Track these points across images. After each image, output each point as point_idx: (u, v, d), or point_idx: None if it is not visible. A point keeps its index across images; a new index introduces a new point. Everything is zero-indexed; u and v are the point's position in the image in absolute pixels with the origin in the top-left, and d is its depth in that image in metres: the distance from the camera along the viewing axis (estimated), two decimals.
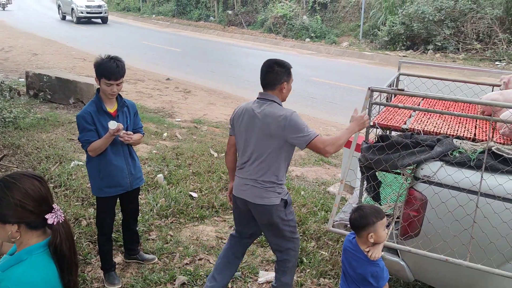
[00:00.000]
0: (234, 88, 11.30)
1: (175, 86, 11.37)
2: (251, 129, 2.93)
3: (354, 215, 2.45)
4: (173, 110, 9.10)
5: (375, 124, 3.22)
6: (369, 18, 18.57)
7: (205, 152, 6.32)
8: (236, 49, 17.78)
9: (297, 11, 20.90)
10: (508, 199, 2.57)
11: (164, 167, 5.74)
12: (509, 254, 2.58)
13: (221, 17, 24.85)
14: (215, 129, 7.81)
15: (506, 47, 14.21)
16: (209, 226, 4.49)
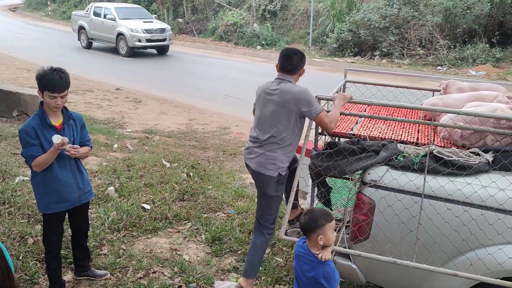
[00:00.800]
0: (186, 97, 11.23)
1: (125, 96, 11.16)
2: (267, 105, 3.31)
3: (304, 219, 2.50)
4: (124, 121, 8.93)
5: (323, 132, 3.30)
6: (318, 26, 18.96)
7: (157, 163, 6.23)
8: (188, 57, 17.68)
9: (247, 19, 21.06)
10: (450, 200, 2.70)
11: (115, 180, 5.61)
12: (452, 252, 2.70)
13: (171, 25, 24.61)
14: (167, 139, 7.73)
15: (447, 53, 14.89)
16: (162, 238, 4.42)
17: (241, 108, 10.11)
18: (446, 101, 3.48)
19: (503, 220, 2.58)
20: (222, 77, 13.52)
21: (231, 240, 4.36)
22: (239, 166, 6.48)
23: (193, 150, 7.03)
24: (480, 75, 13.29)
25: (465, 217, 2.66)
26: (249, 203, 5.13)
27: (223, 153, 6.99)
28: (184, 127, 8.68)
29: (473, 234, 2.63)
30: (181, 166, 6.13)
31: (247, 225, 4.63)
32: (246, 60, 17.19)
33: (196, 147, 7.28)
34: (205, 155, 6.84)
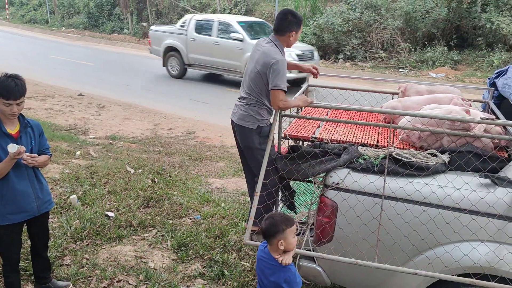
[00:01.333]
0: (151, 102, 11.10)
1: (88, 101, 10.93)
2: (251, 62, 3.50)
3: (265, 224, 2.51)
4: (87, 127, 8.74)
5: (286, 136, 3.33)
6: None
7: (121, 169, 6.13)
8: (152, 61, 17.45)
9: None
10: (409, 200, 2.77)
11: (78, 187, 5.48)
12: (411, 252, 2.77)
13: (135, 30, 24.35)
14: (132, 145, 7.61)
15: (408, 56, 15.31)
16: (127, 246, 4.35)
17: (206, 113, 10.08)
18: (405, 104, 3.57)
19: (459, 218, 2.67)
20: (188, 81, 13.43)
21: (197, 246, 4.34)
22: (205, 171, 6.45)
23: (158, 156, 6.95)
24: (440, 77, 13.71)
25: (423, 217, 2.73)
26: (215, 208, 5.11)
27: (188, 158, 6.94)
28: (149, 133, 8.58)
29: (431, 233, 2.70)
30: (145, 172, 6.05)
31: (213, 230, 4.61)
32: None
33: (161, 153, 7.21)
34: (170, 160, 6.78)
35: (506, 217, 2.62)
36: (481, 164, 2.85)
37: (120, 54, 19.38)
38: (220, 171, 6.51)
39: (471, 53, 14.97)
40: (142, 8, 24.75)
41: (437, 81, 13.40)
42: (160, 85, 12.93)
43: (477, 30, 14.78)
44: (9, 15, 32.40)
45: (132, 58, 18.24)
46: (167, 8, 24.15)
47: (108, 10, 26.38)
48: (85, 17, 26.86)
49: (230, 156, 7.14)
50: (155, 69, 15.70)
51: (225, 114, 9.70)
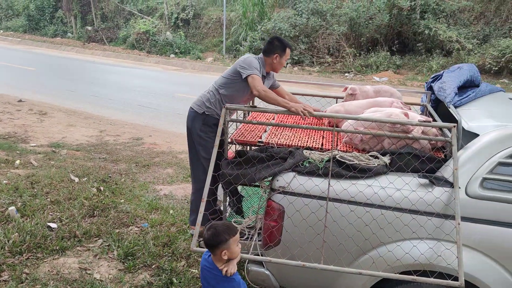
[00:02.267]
0: (97, 108, 10.79)
1: (28, 108, 10.47)
2: None
3: (207, 234, 2.48)
4: (27, 135, 8.37)
5: (233, 141, 3.33)
6: (231, 34, 19.19)
7: (64, 178, 5.90)
8: (98, 66, 17.03)
9: (160, 27, 20.75)
10: (352, 202, 2.84)
11: (17, 198, 5.22)
12: (356, 252, 2.84)
13: (80, 33, 23.62)
14: (76, 152, 7.36)
15: (353, 60, 15.76)
16: (71, 258, 4.19)
17: (154, 118, 9.92)
18: (348, 108, 3.67)
19: (400, 218, 2.77)
20: (134, 86, 13.18)
21: (145, 254, 4.24)
22: (153, 177, 6.34)
23: (104, 163, 6.76)
24: (383, 81, 14.20)
25: (367, 217, 2.81)
26: (164, 215, 5.03)
27: (135, 165, 6.79)
28: (94, 140, 8.33)
29: (374, 233, 2.78)
30: (90, 181, 5.86)
31: (161, 238, 4.53)
32: (159, 69, 16.92)
33: (107, 160, 7.01)
34: (116, 168, 6.61)
35: (443, 215, 2.74)
36: (419, 165, 2.97)
37: (64, 59, 18.72)
38: (168, 177, 6.41)
39: (412, 58, 15.62)
40: (86, 12, 24.05)
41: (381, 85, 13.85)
42: (107, 90, 12.60)
43: (417, 36, 15.45)
44: None
45: (77, 63, 17.67)
46: (113, 11, 23.61)
47: (50, 13, 25.41)
48: (25, 19, 25.74)
49: (178, 162, 7.06)
50: (101, 74, 15.31)
51: (173, 120, 9.63)
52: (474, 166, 2.77)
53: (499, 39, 14.02)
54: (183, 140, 8.21)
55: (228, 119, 3.21)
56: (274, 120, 3.93)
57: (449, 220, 2.73)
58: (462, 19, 15.29)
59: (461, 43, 14.16)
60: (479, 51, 14.03)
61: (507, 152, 2.74)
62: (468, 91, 3.70)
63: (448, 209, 2.74)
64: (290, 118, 4.00)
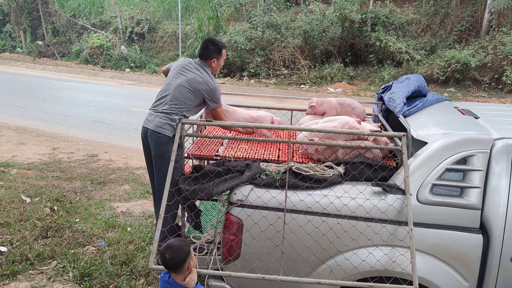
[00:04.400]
0: (49, 125, 10.47)
1: None
2: (178, 78, 3.63)
3: (168, 256, 2.44)
4: None
5: (189, 155, 3.31)
6: (187, 48, 19.14)
7: (15, 199, 5.67)
8: (50, 82, 16.55)
9: (114, 41, 20.44)
10: (309, 212, 2.88)
11: None
12: (314, 262, 2.87)
13: (30, 48, 22.91)
14: (27, 172, 7.09)
15: (308, 72, 16.05)
16: (23, 282, 4.02)
17: (110, 134, 9.71)
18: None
19: (356, 226, 2.83)
20: (88, 101, 12.89)
21: (102, 274, 4.13)
22: (109, 194, 6.19)
23: (57, 182, 6.55)
24: (338, 92, 14.53)
25: (323, 227, 2.86)
26: (121, 233, 4.92)
27: (91, 183, 6.62)
28: (47, 158, 8.06)
29: (331, 242, 2.83)
30: (43, 200, 5.66)
31: (119, 256, 4.42)
32: (114, 84, 16.63)
33: (61, 178, 6.80)
34: (71, 186, 6.41)
35: (396, 221, 2.83)
36: (372, 173, 3.05)
37: (13, 74, 18.07)
38: (126, 194, 6.29)
39: (364, 69, 16.09)
40: (36, 26, 23.36)
41: (336, 95, 14.19)
42: (60, 106, 12.25)
43: (369, 47, 15.94)
44: None
45: (27, 79, 17.10)
46: (65, 26, 23.05)
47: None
48: None
49: (135, 178, 6.93)
50: (53, 89, 14.89)
51: (129, 135, 9.47)
52: (424, 173, 2.88)
53: (445, 50, 14.68)
54: (139, 156, 8.09)
55: (184, 134, 3.19)
56: (230, 134, 3.95)
57: (402, 226, 2.81)
58: (410, 31, 15.93)
59: (410, 54, 14.73)
60: (427, 62, 14.62)
61: (454, 159, 2.86)
62: (416, 101, 3.85)
63: (401, 216, 2.83)
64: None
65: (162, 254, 2.46)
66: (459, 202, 2.81)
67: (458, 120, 3.46)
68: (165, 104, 3.57)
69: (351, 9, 15.48)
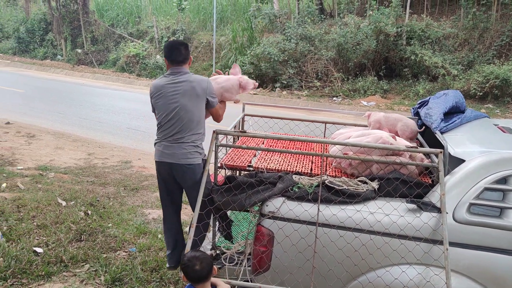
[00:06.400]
0: (85, 130, 10.76)
1: (16, 130, 10.40)
2: (175, 99, 3.35)
3: (199, 267, 2.46)
4: (14, 157, 8.28)
5: (223, 165, 3.34)
6: (221, 58, 19.36)
7: (52, 202, 5.84)
8: (87, 89, 17.03)
9: (150, 50, 20.90)
10: (342, 227, 2.85)
11: (3, 222, 5.14)
12: (346, 278, 2.83)
13: (69, 56, 23.67)
14: (64, 176, 7.29)
15: (341, 85, 15.96)
16: (57, 284, 4.12)
17: (143, 141, 9.90)
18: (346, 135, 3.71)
19: (389, 243, 2.78)
20: (123, 109, 13.18)
21: (132, 280, 4.19)
22: (141, 201, 6.29)
23: (92, 187, 6.70)
24: (371, 105, 14.38)
25: (356, 243, 2.82)
26: (152, 240, 4.98)
27: (124, 189, 6.75)
28: (82, 163, 8.27)
29: (364, 258, 2.79)
30: (78, 204, 5.80)
31: (149, 263, 4.48)
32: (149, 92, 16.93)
33: (95, 183, 6.96)
34: (104, 191, 6.55)
35: (431, 240, 2.77)
36: (407, 190, 3.00)
37: (53, 81, 18.69)
38: (157, 201, 6.36)
39: (399, 82, 15.87)
40: (77, 34, 24.15)
41: (369, 109, 14.04)
42: (96, 113, 12.58)
43: (404, 61, 15.74)
44: None
45: (66, 85, 17.65)
46: (103, 35, 23.74)
47: (40, 35, 25.48)
48: (14, 42, 25.76)
49: None
50: (90, 96, 15.30)
51: None
52: (461, 192, 2.81)
53: (483, 65, 14.33)
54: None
55: (218, 144, 3.22)
56: (263, 145, 3.96)
57: (437, 246, 2.75)
58: (447, 46, 15.64)
59: (447, 68, 14.45)
60: (464, 77, 14.31)
61: (493, 178, 2.78)
62: (454, 117, 3.77)
63: (436, 234, 2.76)
64: (280, 143, 4.03)
65: (191, 267, 2.47)
66: (498, 223, 2.73)
67: (498, 138, 3.37)
68: (178, 132, 3.34)
69: (386, 22, 15.35)
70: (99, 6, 25.47)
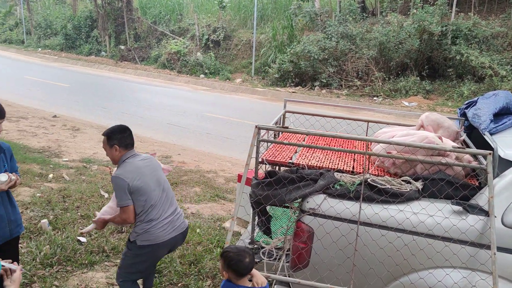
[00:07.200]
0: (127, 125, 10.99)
1: (62, 123, 10.78)
2: (155, 174, 3.39)
3: (248, 259, 2.47)
4: (60, 149, 8.59)
5: (264, 160, 3.34)
6: (260, 56, 19.40)
7: (95, 193, 6.02)
8: (129, 84, 17.43)
9: (191, 47, 21.17)
10: (383, 227, 2.80)
11: (49, 211, 5.35)
12: (386, 278, 2.79)
13: (113, 52, 24.29)
14: (106, 168, 7.50)
15: (382, 84, 15.67)
16: (99, 272, 4.24)
17: (183, 137, 10.05)
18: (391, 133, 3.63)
19: (433, 245, 2.71)
20: (164, 105, 13.42)
21: (171, 272, 4.26)
22: (181, 195, 6.39)
23: None
24: (412, 106, 14.06)
25: (398, 243, 2.76)
26: (190, 234, 5.04)
27: None
28: None
29: (406, 259, 2.73)
30: None
31: (187, 256, 4.55)
32: (189, 88, 17.20)
33: None
34: None
35: (478, 244, 2.68)
36: (453, 191, 2.91)
37: (97, 76, 19.25)
38: (196, 196, 6.46)
39: (442, 83, 15.44)
40: (120, 31, 24.76)
41: (410, 109, 13.73)
42: (137, 108, 12.86)
43: (448, 61, 15.29)
44: None
45: (109, 81, 18.14)
46: (146, 32, 24.23)
47: (85, 32, 26.29)
48: (62, 38, 26.67)
49: (206, 181, 7.10)
50: (132, 92, 15.65)
51: (202, 139, 9.74)
52: (511, 195, 2.71)
53: None
54: (211, 159, 8.30)
55: (260, 139, 3.23)
56: (305, 142, 3.94)
57: (484, 250, 2.66)
58: (495, 45, 15.05)
59: (494, 69, 13.92)
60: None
61: None
62: (504, 119, 3.62)
63: (483, 238, 2.67)
64: (322, 140, 4.00)
65: (241, 261, 2.45)
66: None
67: None
68: (172, 204, 3.46)
69: (431, 21, 14.95)
70: (143, 4, 26.00)
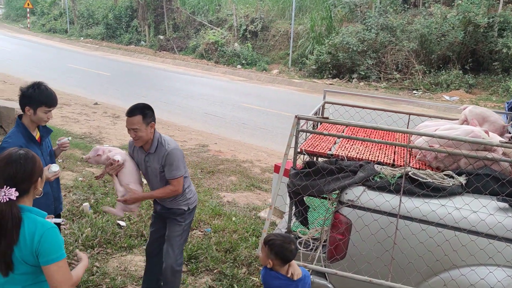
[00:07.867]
0: (165, 114, 11.19)
1: (103, 111, 11.06)
2: None
3: (294, 246, 2.51)
4: (101, 136, 8.83)
5: (302, 151, 3.33)
6: (298, 47, 19.26)
7: None
8: (168, 74, 17.68)
9: (228, 38, 21.24)
10: (424, 221, 2.75)
11: (91, 195, 5.52)
12: (426, 273, 2.74)
13: (152, 42, 24.67)
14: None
15: (422, 78, 15.29)
16: (137, 256, 4.36)
17: (220, 127, 10.13)
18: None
19: (476, 241, 2.64)
20: (202, 95, 13.55)
21: (207, 258, 4.33)
22: (217, 184, 6.46)
23: None
24: (454, 100, 13.66)
25: (439, 238, 2.71)
26: (226, 222, 5.11)
27: (201, 171, 6.96)
28: None
29: (447, 255, 2.67)
30: None
31: (223, 243, 4.60)
32: (226, 79, 17.29)
33: None
34: None
35: None
36: (499, 187, 2.82)
37: (137, 66, 19.62)
38: (232, 185, 6.51)
39: (486, 77, 14.92)
40: (159, 21, 25.11)
41: (451, 104, 13.35)
42: (176, 97, 13.04)
43: (493, 54, 14.74)
44: (30, 24, 33.09)
45: (148, 70, 18.45)
46: (184, 22, 24.46)
47: (126, 22, 26.80)
48: (103, 28, 27.31)
49: (242, 171, 7.15)
50: (170, 81, 15.87)
51: (238, 129, 9.80)
52: None
53: None
54: (247, 149, 8.34)
55: (299, 129, 3.21)
56: (344, 133, 3.90)
57: None
58: None
59: None
60: None
61: None
62: None
63: None
64: (361, 132, 3.95)
65: (288, 248, 2.50)
66: None
67: None
68: None
69: (476, 12, 14.43)
70: None
